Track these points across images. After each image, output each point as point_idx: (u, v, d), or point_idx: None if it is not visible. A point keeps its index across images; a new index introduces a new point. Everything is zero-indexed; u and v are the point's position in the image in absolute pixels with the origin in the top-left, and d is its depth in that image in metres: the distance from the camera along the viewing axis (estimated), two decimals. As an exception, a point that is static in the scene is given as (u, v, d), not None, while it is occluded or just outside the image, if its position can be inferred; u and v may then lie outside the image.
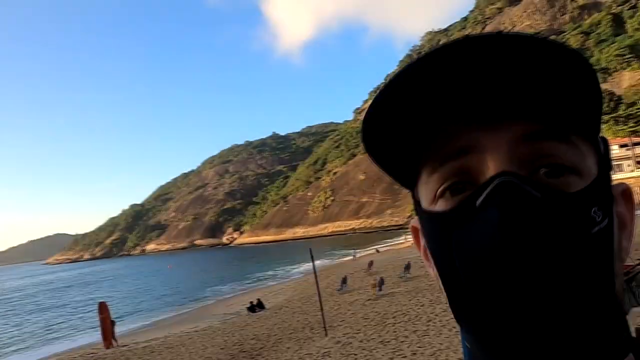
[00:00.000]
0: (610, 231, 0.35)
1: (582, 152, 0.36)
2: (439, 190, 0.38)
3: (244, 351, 13.92)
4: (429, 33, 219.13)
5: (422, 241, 0.45)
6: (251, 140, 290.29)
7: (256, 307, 22.02)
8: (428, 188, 0.40)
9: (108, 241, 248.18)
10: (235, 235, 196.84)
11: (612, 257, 0.35)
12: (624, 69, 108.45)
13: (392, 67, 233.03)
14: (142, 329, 25.33)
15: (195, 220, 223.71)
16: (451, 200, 0.37)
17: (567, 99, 0.35)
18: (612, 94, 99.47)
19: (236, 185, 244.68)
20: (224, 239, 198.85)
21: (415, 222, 0.48)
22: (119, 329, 21.46)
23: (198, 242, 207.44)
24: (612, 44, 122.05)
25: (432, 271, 0.44)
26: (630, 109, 78.00)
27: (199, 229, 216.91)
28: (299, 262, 54.35)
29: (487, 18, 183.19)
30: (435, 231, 0.39)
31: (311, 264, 15.77)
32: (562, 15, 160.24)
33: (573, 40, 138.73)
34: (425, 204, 0.41)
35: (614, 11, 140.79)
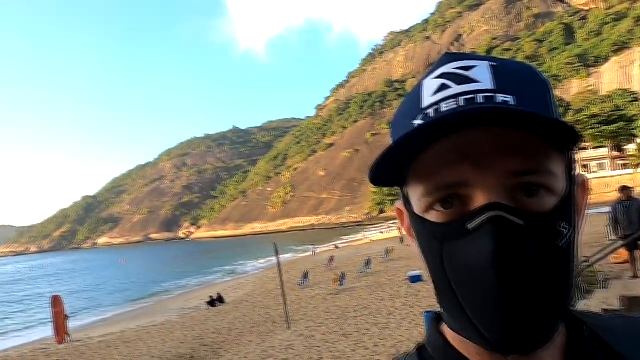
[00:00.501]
0: (573, 238, 0.44)
1: (556, 176, 0.44)
2: (429, 200, 0.45)
3: (205, 345, 13.83)
4: (391, 33, 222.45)
5: (407, 221, 0.52)
6: (211, 133, 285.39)
7: (216, 301, 21.85)
8: (422, 202, 0.46)
9: (57, 234, 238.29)
10: (192, 229, 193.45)
11: (573, 259, 0.44)
12: (573, 76, 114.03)
13: (354, 66, 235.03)
14: (96, 324, 24.60)
15: (151, 214, 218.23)
16: (442, 214, 0.44)
17: (550, 143, 0.42)
18: (561, 100, 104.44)
19: (194, 178, 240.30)
20: (181, 233, 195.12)
21: (400, 205, 0.53)
22: (70, 324, 20.77)
23: (153, 236, 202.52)
24: (562, 52, 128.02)
25: (415, 247, 0.52)
26: (578, 115, 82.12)
27: (155, 223, 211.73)
28: (258, 257, 54.14)
29: (447, 21, 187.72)
30: (427, 237, 0.46)
31: (270, 259, 15.81)
32: (518, 22, 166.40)
33: (527, 47, 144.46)
34: (417, 210, 0.47)
35: (565, 21, 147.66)
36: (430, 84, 0.46)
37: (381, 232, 64.20)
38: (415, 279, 17.66)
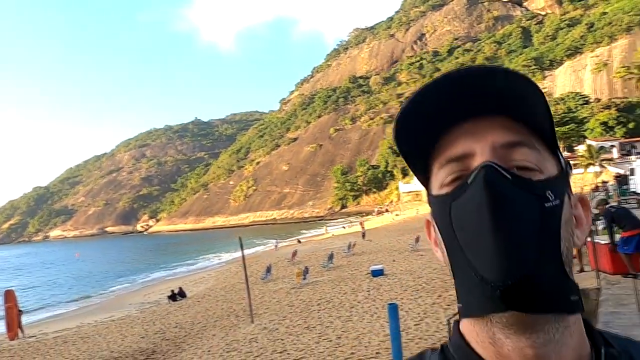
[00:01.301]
0: (560, 208, 0.52)
1: (544, 157, 0.54)
2: (445, 181, 0.55)
3: (167, 339, 13.73)
4: (356, 30, 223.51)
5: (433, 234, 0.60)
6: (172, 124, 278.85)
7: (177, 295, 21.60)
8: (437, 179, 0.57)
9: (5, 226, 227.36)
10: (150, 222, 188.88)
11: (560, 225, 0.51)
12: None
13: (319, 61, 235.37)
14: (51, 319, 23.80)
15: (107, 206, 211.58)
16: (452, 186, 0.54)
17: (533, 118, 0.54)
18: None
19: (153, 170, 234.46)
20: (139, 227, 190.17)
21: (429, 217, 0.61)
22: (24, 320, 20.03)
23: (110, 229, 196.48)
24: (520, 54, 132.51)
25: (439, 255, 0.59)
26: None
27: (111, 216, 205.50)
28: (220, 251, 53.63)
29: (411, 20, 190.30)
30: (441, 207, 0.55)
31: (232, 253, 15.80)
32: (479, 24, 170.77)
33: (487, 49, 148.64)
34: (434, 191, 0.58)
35: (523, 25, 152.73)
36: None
37: (343, 227, 64.84)
38: (377, 273, 18.07)
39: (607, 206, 9.36)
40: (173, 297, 21.43)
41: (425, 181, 0.60)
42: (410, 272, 18.01)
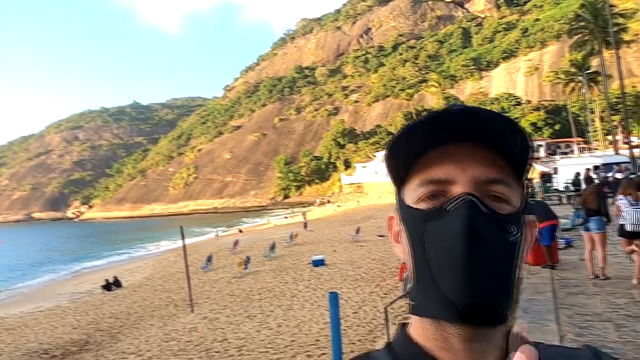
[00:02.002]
0: (519, 240, 0.60)
1: (514, 191, 0.61)
2: (422, 196, 0.61)
3: (101, 330, 13.32)
4: (304, 20, 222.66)
5: (395, 228, 0.67)
6: (108, 107, 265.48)
7: (112, 285, 20.91)
8: (415, 193, 0.62)
9: None
10: (83, 209, 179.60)
11: (518, 255, 0.60)
12: (468, 78, 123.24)
13: (266, 49, 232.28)
14: (-30, 310, 22.23)
15: (35, 191, 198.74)
16: (429, 203, 0.60)
17: (511, 152, 0.60)
18: (456, 99, 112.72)
19: (87, 154, 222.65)
20: (69, 213, 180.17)
21: (392, 213, 0.69)
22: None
23: (37, 215, 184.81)
24: (460, 54, 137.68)
25: (398, 251, 0.66)
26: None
27: (39, 201, 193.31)
28: (158, 240, 52.11)
29: (358, 14, 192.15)
30: (415, 221, 0.60)
31: (170, 241, 15.55)
32: (423, 22, 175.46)
33: (430, 47, 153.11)
34: (409, 202, 0.63)
35: (464, 25, 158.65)
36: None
37: (286, 217, 65.00)
38: (318, 263, 18.41)
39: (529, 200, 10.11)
40: (107, 286, 20.72)
41: (399, 184, 0.66)
42: (350, 262, 18.50)
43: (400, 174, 0.64)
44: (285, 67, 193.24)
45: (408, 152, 0.61)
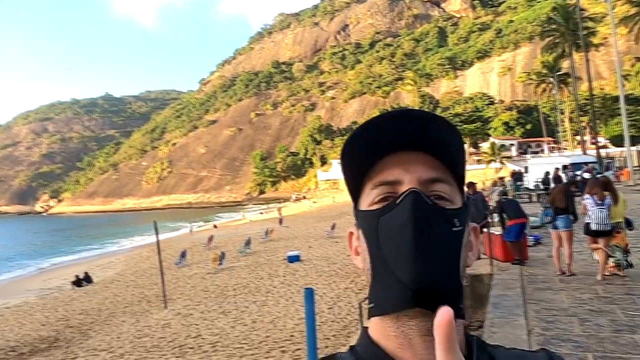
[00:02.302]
0: (462, 233, 0.65)
1: (455, 192, 0.67)
2: (375, 199, 0.66)
3: (72, 327, 13.04)
4: (281, 14, 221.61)
5: (354, 243, 0.72)
6: (79, 98, 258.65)
7: (82, 280, 20.48)
8: (369, 197, 0.67)
9: None
10: (52, 203, 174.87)
11: (461, 246, 0.64)
12: (443, 77, 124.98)
13: (243, 43, 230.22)
14: None
15: (1, 183, 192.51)
16: (381, 204, 0.65)
17: (450, 159, 0.67)
18: (432, 97, 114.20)
19: (56, 147, 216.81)
20: (38, 207, 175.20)
21: (352, 229, 0.73)
22: None
23: (3, 208, 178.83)
24: (436, 53, 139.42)
25: (358, 262, 0.71)
26: (445, 112, 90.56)
27: (5, 194, 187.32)
28: (130, 235, 51.26)
29: (335, 10, 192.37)
30: (369, 220, 0.65)
31: (143, 237, 15.36)
32: (400, 20, 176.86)
33: (406, 45, 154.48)
34: (363, 207, 0.68)
35: (440, 25, 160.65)
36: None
37: (261, 213, 64.77)
38: (293, 259, 18.44)
39: (501, 197, 10.40)
40: (78, 282, 20.29)
41: (356, 197, 0.70)
42: (325, 258, 18.59)
43: (355, 184, 0.69)
44: (262, 62, 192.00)
45: (361, 161, 0.67)
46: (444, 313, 0.49)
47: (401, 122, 0.64)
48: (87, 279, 20.79)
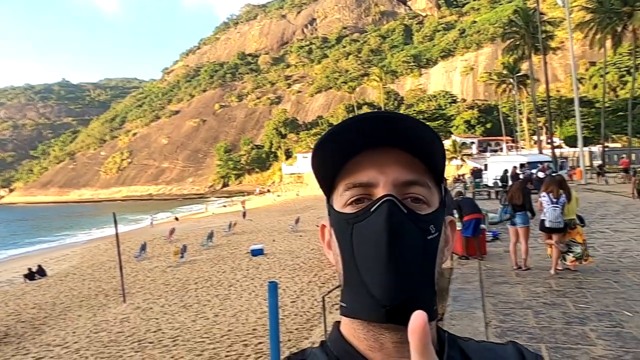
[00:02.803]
0: (438, 239, 0.64)
1: (432, 193, 0.65)
2: (348, 201, 0.64)
3: (23, 321, 12.54)
4: (248, 5, 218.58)
5: (327, 236, 0.71)
6: (33, 84, 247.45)
7: (36, 274, 19.68)
8: (342, 198, 0.65)
9: None
10: (2, 192, 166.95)
11: (437, 252, 0.64)
12: (408, 74, 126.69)
13: (208, 32, 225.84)
14: None
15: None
16: (355, 207, 0.64)
17: (428, 157, 0.65)
18: (397, 94, 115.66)
19: (8, 134, 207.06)
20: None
21: (324, 221, 0.72)
22: None
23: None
24: (401, 51, 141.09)
25: (331, 257, 0.69)
26: (409, 110, 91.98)
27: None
28: (87, 227, 49.65)
29: (303, 3, 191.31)
30: (342, 224, 0.64)
31: (101, 229, 14.94)
32: (367, 16, 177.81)
33: (372, 41, 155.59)
34: (337, 207, 0.66)
35: (406, 23, 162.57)
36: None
37: (224, 206, 64.02)
38: (257, 253, 18.34)
39: (458, 197, 10.68)
40: (30, 275, 19.49)
41: (328, 193, 0.70)
42: (289, 252, 18.59)
43: (327, 182, 0.68)
44: (227, 53, 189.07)
45: (333, 160, 0.65)
46: (418, 318, 0.48)
47: (373, 121, 0.62)
48: (41, 272, 20.00)
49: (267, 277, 13.77)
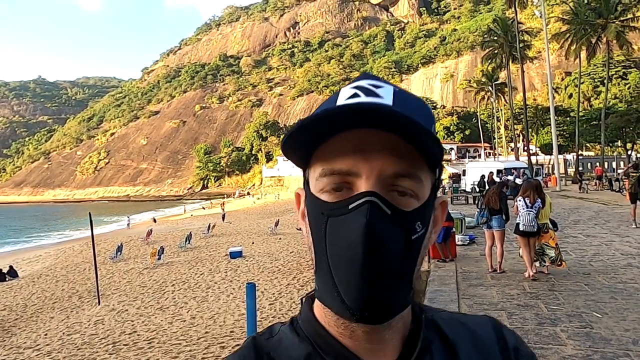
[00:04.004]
0: (424, 236, 0.58)
1: (423, 184, 0.58)
2: (326, 187, 0.57)
3: (-7, 323, 12.20)
4: (230, 7, 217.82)
5: (302, 206, 0.64)
6: (7, 81, 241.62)
7: (6, 275, 19.17)
8: (318, 183, 0.58)
9: None
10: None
11: (420, 251, 0.59)
12: (389, 79, 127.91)
13: (189, 33, 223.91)
14: None
15: None
16: (332, 195, 0.57)
17: (423, 146, 0.55)
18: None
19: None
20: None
21: (299, 190, 0.66)
22: None
23: None
24: (383, 56, 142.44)
25: (304, 229, 0.63)
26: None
27: None
28: (62, 227, 48.60)
29: (286, 6, 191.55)
30: (317, 213, 0.58)
31: (76, 231, 14.68)
32: (349, 21, 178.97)
33: (354, 46, 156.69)
34: (313, 190, 0.59)
35: (388, 29, 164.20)
36: (346, 91, 0.59)
37: (203, 208, 63.46)
38: (235, 255, 18.23)
39: None
40: (1, 276, 18.97)
41: (304, 166, 0.62)
42: (268, 254, 18.53)
43: (302, 159, 0.61)
44: (209, 54, 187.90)
45: (310, 138, 0.57)
46: None
47: (361, 109, 0.53)
48: (12, 272, 19.48)
49: (245, 279, 13.68)
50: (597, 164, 41.69)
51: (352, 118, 0.53)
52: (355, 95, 0.57)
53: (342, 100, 0.58)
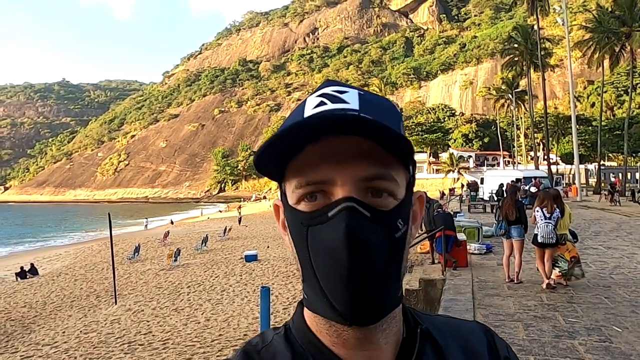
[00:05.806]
0: (406, 233, 0.60)
1: (398, 183, 0.59)
2: (302, 198, 0.58)
3: (13, 320, 12.46)
4: (250, 12, 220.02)
5: (281, 216, 0.64)
6: (33, 83, 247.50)
7: (27, 272, 19.56)
8: (295, 194, 0.58)
9: None
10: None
11: (405, 247, 0.59)
12: (408, 86, 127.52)
13: (210, 38, 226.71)
14: None
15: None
16: (309, 204, 0.57)
17: (394, 146, 0.55)
18: (397, 105, 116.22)
19: (5, 132, 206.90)
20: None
21: (277, 201, 0.66)
22: None
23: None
24: (402, 63, 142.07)
25: (287, 239, 0.63)
26: (407, 122, 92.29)
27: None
28: (81, 227, 49.43)
29: (305, 12, 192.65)
30: (297, 224, 0.58)
31: (95, 231, 14.90)
32: (368, 27, 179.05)
33: (373, 52, 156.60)
34: (290, 202, 0.60)
35: (407, 35, 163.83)
36: (312, 101, 0.60)
37: (220, 211, 63.93)
38: (251, 259, 18.31)
39: (436, 210, 10.75)
40: (22, 274, 19.36)
41: (279, 180, 0.62)
42: (283, 258, 18.56)
43: (277, 174, 0.61)
44: (228, 59, 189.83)
45: (282, 153, 0.57)
46: None
47: (328, 119, 0.54)
48: (33, 270, 19.89)
49: (260, 283, 13.73)
50: (620, 174, 40.84)
51: (320, 128, 0.53)
52: (321, 104, 0.58)
53: (309, 110, 0.58)
